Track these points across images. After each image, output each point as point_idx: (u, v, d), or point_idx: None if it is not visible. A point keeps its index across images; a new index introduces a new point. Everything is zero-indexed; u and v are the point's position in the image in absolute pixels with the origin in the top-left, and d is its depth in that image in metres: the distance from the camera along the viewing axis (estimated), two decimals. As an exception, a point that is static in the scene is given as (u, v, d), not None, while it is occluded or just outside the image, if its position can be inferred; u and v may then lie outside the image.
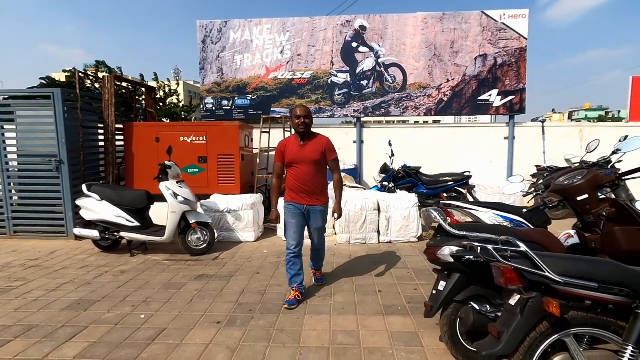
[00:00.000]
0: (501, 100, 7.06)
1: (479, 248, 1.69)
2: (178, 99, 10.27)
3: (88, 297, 3.40)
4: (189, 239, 4.60)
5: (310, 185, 3.17)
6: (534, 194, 3.29)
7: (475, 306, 2.09)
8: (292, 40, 7.21)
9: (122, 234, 4.56)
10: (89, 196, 4.64)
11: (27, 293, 3.52)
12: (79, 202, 4.71)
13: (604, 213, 2.42)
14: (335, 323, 2.85)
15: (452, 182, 6.11)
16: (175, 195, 4.48)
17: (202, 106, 7.55)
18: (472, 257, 2.12)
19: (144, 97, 7.41)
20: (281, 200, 3.44)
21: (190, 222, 4.56)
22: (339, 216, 3.31)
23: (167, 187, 4.49)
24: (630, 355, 1.46)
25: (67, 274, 4.02)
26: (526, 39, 6.93)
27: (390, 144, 6.39)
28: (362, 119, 7.47)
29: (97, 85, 8.09)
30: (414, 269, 4.04)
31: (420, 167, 6.45)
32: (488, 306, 2.09)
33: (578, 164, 5.63)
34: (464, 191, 6.11)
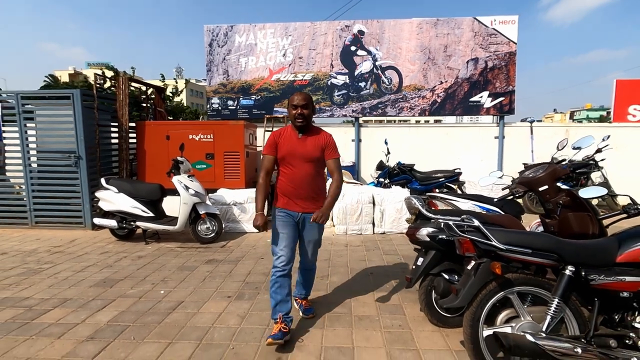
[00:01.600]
0: (492, 101, 7.46)
1: (442, 223, 2.10)
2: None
3: (112, 277, 3.83)
4: (199, 229, 5.03)
5: (308, 188, 2.63)
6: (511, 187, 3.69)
7: (446, 276, 2.51)
8: (294, 44, 7.62)
9: (138, 223, 4.99)
10: (108, 189, 5.06)
11: (57, 273, 3.95)
12: (98, 194, 5.13)
13: (560, 201, 2.84)
14: (330, 298, 3.27)
15: (443, 179, 6.51)
16: (187, 188, 4.90)
17: (208, 106, 7.97)
18: (444, 237, 2.54)
19: (153, 96, 7.83)
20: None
21: (200, 212, 4.98)
22: (321, 219, 2.49)
23: (179, 181, 4.91)
24: (556, 305, 1.87)
25: (89, 258, 4.45)
26: (515, 43, 7.32)
27: (386, 143, 6.79)
28: (360, 119, 7.88)
29: (105, 86, 8.50)
30: (404, 256, 4.45)
31: (414, 164, 6.85)
32: (456, 276, 2.51)
33: (567, 162, 6.06)
34: (454, 187, 6.51)
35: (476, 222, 2.00)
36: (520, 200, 6.78)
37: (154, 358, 2.36)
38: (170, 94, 10.20)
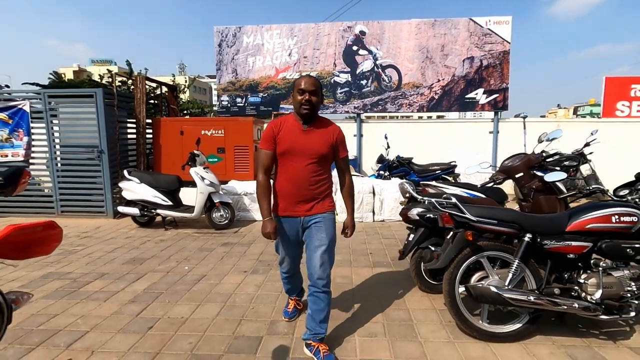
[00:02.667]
0: (486, 98, 7.87)
1: (426, 201, 2.55)
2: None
3: (139, 256, 4.31)
4: (214, 216, 5.50)
5: (311, 189, 2.25)
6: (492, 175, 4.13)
7: (432, 248, 2.96)
8: (299, 44, 8.05)
9: (159, 211, 5.46)
10: (130, 180, 5.54)
11: (90, 254, 4.44)
12: (121, 184, 5.61)
13: (533, 186, 3.28)
14: (334, 272, 3.71)
15: (439, 171, 6.94)
16: (203, 178, 5.37)
17: (218, 103, 8.43)
18: (431, 215, 2.99)
19: (165, 94, 8.29)
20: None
21: (215, 201, 5.45)
22: (351, 232, 2.43)
23: (196, 172, 5.38)
24: (517, 265, 2.32)
25: (116, 242, 4.93)
26: (509, 42, 7.71)
27: (386, 137, 7.22)
28: (362, 115, 8.31)
29: (114, 85, 8.97)
30: (401, 239, 4.91)
31: (412, 158, 7.28)
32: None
33: (555, 155, 6.48)
34: (450, 178, 6.94)
35: (454, 200, 2.44)
36: (511, 190, 7.22)
37: (188, 315, 2.84)
38: (178, 91, 10.68)
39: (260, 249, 4.55)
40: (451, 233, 2.50)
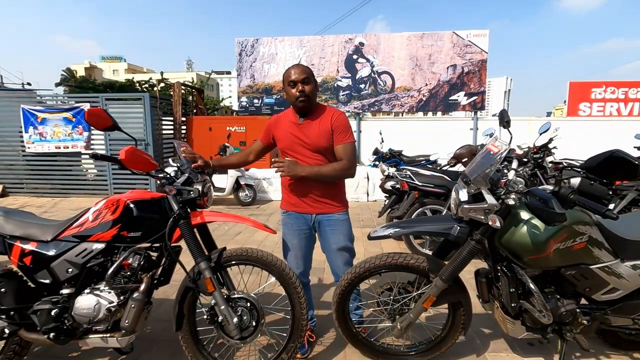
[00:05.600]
0: (467, 100, 9.20)
1: (392, 175, 3.95)
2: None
3: (189, 222, 5.77)
4: (240, 195, 6.96)
5: (320, 184, 2.15)
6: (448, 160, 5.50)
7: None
8: (307, 54, 9.44)
9: (197, 190, 6.91)
10: (174, 166, 6.98)
11: (151, 220, 5.91)
12: (167, 170, 7.05)
13: (474, 168, 4.66)
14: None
15: (424, 161, 8.29)
16: (232, 165, 6.80)
17: (238, 103, 9.87)
18: (399, 186, 4.39)
19: (194, 96, 9.76)
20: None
21: (241, 183, 6.90)
22: (287, 169, 2.03)
23: (226, 160, 6.82)
24: (445, 212, 3.71)
25: (167, 213, 6.40)
26: (487, 52, 9.02)
27: (380, 133, 8.59)
28: (367, 114, 9.70)
29: (144, 86, 10.45)
30: (387, 213, 6.32)
31: (402, 150, 8.65)
32: (405, 208, 4.36)
33: (526, 149, 7.82)
34: (432, 167, 8.31)
35: (408, 173, 3.84)
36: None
37: (236, 250, 4.28)
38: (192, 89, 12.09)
39: (279, 217, 5.98)
40: (406, 195, 3.91)
